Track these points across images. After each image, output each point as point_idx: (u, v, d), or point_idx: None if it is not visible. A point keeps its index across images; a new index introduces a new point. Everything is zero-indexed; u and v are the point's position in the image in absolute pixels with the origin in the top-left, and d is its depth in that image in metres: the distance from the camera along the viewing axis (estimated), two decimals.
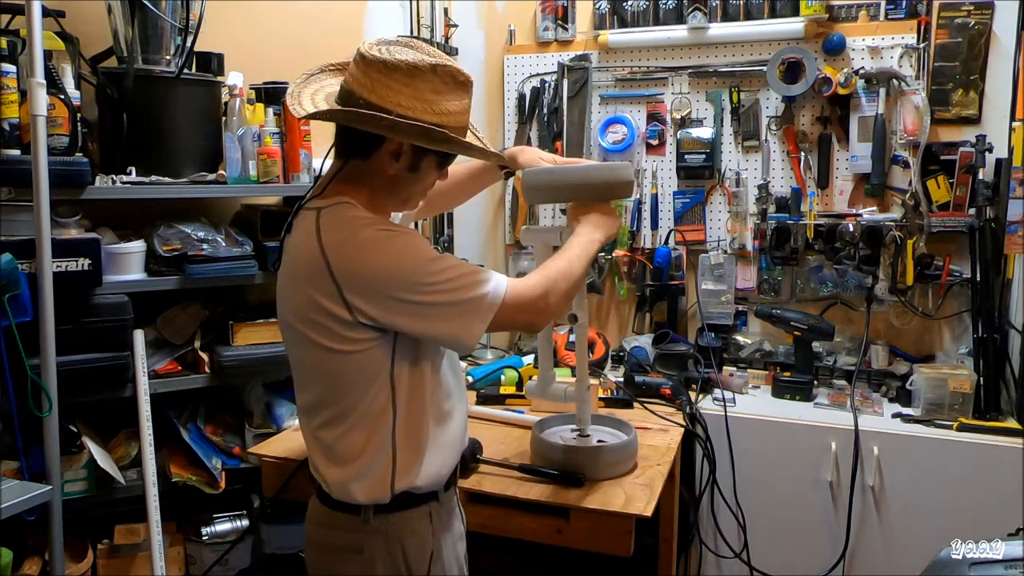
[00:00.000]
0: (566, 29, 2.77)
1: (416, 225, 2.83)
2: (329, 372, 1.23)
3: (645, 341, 2.56)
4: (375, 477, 1.23)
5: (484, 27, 2.92)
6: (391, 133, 1.18)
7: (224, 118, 2.10)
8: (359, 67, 1.19)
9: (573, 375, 2.35)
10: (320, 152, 1.32)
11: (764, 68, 2.48)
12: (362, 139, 1.21)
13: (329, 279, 1.16)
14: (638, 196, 2.72)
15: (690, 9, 2.55)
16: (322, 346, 1.20)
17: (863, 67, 2.38)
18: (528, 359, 2.49)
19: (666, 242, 2.69)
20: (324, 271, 1.16)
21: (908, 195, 2.36)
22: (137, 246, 1.96)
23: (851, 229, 2.34)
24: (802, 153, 2.51)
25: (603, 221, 1.44)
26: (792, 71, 2.43)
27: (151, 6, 1.92)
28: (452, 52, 2.91)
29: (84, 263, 1.79)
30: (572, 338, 2.25)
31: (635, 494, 1.59)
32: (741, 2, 2.54)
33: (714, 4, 2.55)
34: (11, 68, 1.71)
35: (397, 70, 1.17)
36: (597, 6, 2.73)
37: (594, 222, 1.43)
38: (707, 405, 2.24)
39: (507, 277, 1.25)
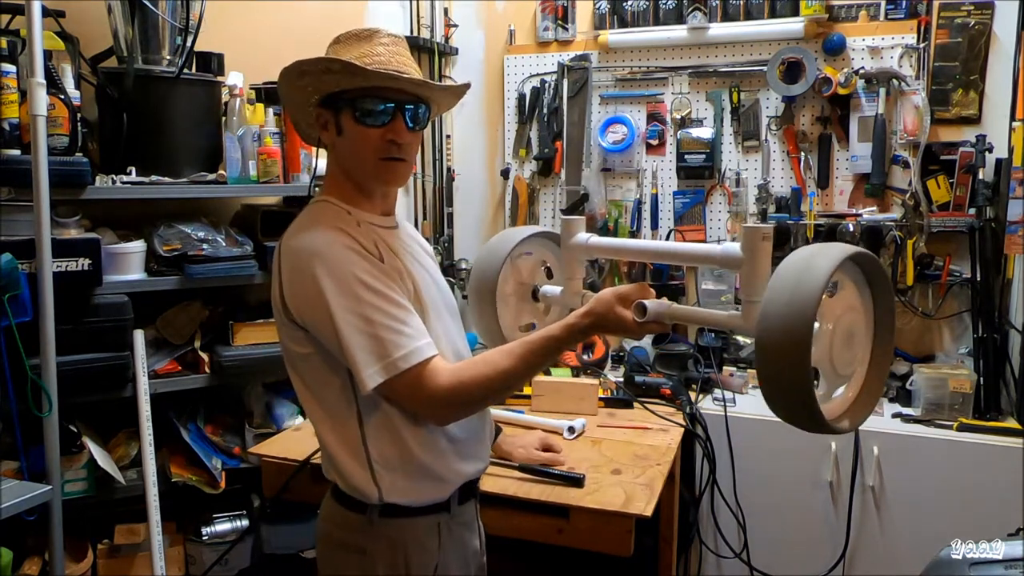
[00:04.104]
0: (566, 29, 2.77)
1: (418, 229, 2.83)
2: (295, 371, 1.25)
3: (645, 341, 2.56)
4: (359, 479, 1.21)
5: (484, 27, 2.92)
6: (293, 98, 1.23)
7: (224, 118, 2.10)
8: None
9: (573, 375, 2.35)
10: (322, 152, 1.32)
11: (764, 68, 2.48)
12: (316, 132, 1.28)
13: (277, 275, 1.20)
14: (638, 196, 2.72)
15: (690, 9, 2.55)
16: (284, 344, 1.24)
17: (863, 67, 2.38)
18: None
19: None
20: (277, 265, 1.20)
21: (908, 195, 2.36)
22: (137, 246, 1.95)
23: (851, 229, 2.34)
24: (802, 153, 2.51)
25: (604, 318, 1.19)
26: (792, 71, 2.43)
27: (151, 6, 1.92)
28: (452, 52, 2.91)
29: (84, 263, 1.79)
30: None
31: (635, 494, 1.59)
32: (741, 2, 2.54)
33: (714, 4, 2.55)
34: (11, 68, 1.71)
35: (299, 65, 1.21)
36: (597, 6, 2.73)
37: (593, 313, 1.19)
38: (707, 405, 2.25)
39: (439, 354, 1.16)
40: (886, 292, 1.19)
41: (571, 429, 1.95)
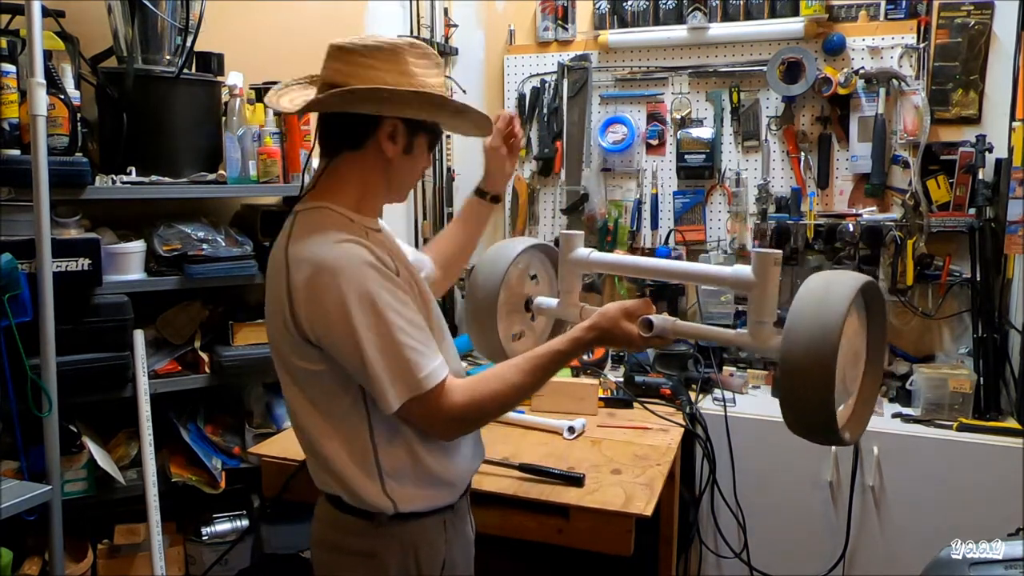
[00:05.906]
0: (566, 29, 2.77)
1: (416, 233, 2.83)
2: (297, 385, 1.22)
3: None
4: (370, 494, 1.20)
5: (484, 27, 2.92)
6: (390, 108, 1.16)
7: (224, 118, 2.10)
8: (337, 59, 1.17)
9: (573, 375, 2.35)
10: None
11: (764, 68, 2.48)
12: (353, 128, 1.19)
13: (285, 288, 1.14)
14: (638, 196, 2.72)
15: (690, 9, 2.55)
16: (288, 360, 1.19)
17: (863, 67, 2.38)
18: None
19: (666, 242, 2.69)
20: (284, 279, 1.14)
21: (908, 195, 2.36)
22: (137, 246, 1.95)
23: (851, 229, 2.34)
24: (802, 153, 2.51)
25: (610, 333, 1.25)
26: (792, 71, 2.43)
27: (151, 6, 1.92)
28: (452, 52, 2.91)
29: (84, 263, 1.79)
30: None
31: (635, 493, 1.59)
32: (741, 2, 2.54)
33: (714, 4, 2.55)
34: (11, 68, 1.71)
35: (379, 50, 1.16)
36: (597, 6, 2.73)
37: (598, 327, 1.25)
38: (707, 405, 2.24)
39: (449, 372, 1.17)
40: (881, 314, 1.28)
41: (571, 429, 1.95)
